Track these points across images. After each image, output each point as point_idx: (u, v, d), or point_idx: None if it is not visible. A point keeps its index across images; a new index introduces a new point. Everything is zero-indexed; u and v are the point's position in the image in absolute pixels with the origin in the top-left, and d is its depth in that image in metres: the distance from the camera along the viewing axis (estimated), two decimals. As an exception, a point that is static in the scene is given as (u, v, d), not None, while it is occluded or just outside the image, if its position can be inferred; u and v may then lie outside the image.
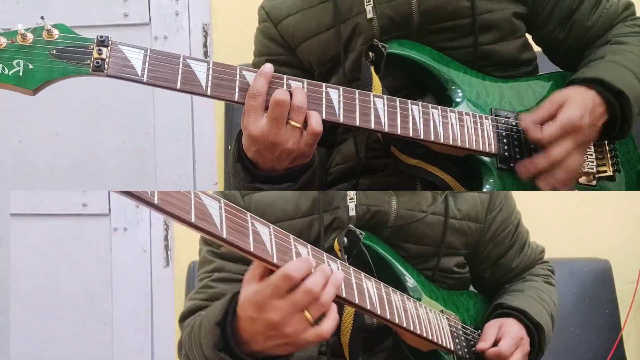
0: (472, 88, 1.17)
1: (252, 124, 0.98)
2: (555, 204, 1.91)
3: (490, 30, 1.20)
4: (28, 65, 0.92)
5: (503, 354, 1.09)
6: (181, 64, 0.97)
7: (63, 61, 0.93)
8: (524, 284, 1.28)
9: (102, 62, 0.94)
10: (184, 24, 2.10)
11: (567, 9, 1.23)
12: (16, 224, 2.11)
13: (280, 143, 0.98)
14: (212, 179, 2.09)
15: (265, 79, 0.98)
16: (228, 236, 0.75)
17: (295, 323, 0.79)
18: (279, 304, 0.79)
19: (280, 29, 1.26)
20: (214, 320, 0.87)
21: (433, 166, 1.15)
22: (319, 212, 1.09)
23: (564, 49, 1.26)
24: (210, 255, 1.15)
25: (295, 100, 0.98)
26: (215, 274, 1.13)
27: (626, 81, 1.10)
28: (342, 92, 1.04)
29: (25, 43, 0.93)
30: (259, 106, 0.97)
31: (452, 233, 1.16)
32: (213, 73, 0.98)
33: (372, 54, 1.15)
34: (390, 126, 1.05)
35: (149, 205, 0.69)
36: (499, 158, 1.12)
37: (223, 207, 0.76)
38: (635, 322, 1.92)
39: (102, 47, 0.94)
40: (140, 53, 0.96)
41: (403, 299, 1.00)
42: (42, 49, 0.93)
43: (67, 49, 0.94)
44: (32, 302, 2.12)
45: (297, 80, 1.02)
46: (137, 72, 0.95)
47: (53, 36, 0.94)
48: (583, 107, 1.07)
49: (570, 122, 1.05)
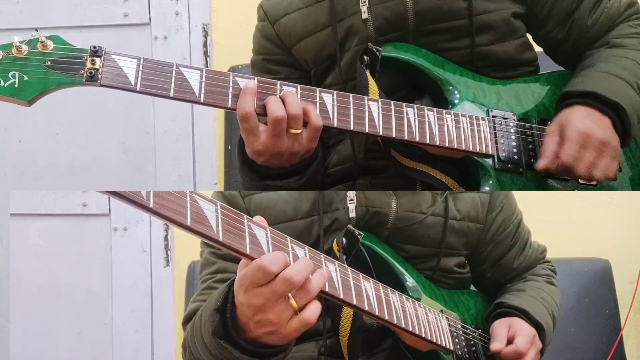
0: (469, 89, 1.17)
1: (253, 143, 1.00)
2: (555, 204, 1.91)
3: (487, 31, 1.20)
4: (23, 76, 0.94)
5: (521, 351, 1.08)
6: (174, 72, 0.97)
7: (57, 72, 0.95)
8: (525, 283, 1.27)
9: (95, 72, 0.95)
10: (184, 24, 2.10)
11: (566, 9, 1.22)
12: (16, 224, 2.11)
13: (284, 151, 1.00)
14: (212, 179, 2.09)
15: (251, 96, 0.98)
16: (224, 239, 0.75)
17: (279, 310, 0.79)
18: (259, 290, 0.78)
19: (277, 28, 1.26)
20: (213, 307, 0.87)
21: (434, 169, 1.14)
22: (319, 213, 1.09)
23: (565, 48, 1.25)
24: (212, 257, 1.15)
25: (290, 109, 0.98)
26: (218, 275, 1.13)
27: (620, 92, 1.10)
28: (336, 97, 1.04)
29: (20, 55, 0.94)
30: (252, 126, 0.99)
31: (452, 234, 1.16)
32: (206, 80, 0.99)
33: (367, 58, 1.15)
34: (384, 129, 1.05)
35: (143, 209, 0.69)
36: (496, 159, 1.12)
37: (219, 209, 0.76)
38: (635, 322, 1.92)
39: (95, 57, 0.96)
40: (134, 62, 0.97)
41: (402, 300, 1.00)
42: (37, 61, 0.94)
43: (61, 60, 0.95)
44: (32, 302, 2.12)
45: (291, 85, 1.02)
46: (131, 81, 0.96)
47: (47, 48, 0.96)
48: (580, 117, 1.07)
49: (579, 132, 1.05)
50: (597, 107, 1.08)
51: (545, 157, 1.07)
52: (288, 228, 1.07)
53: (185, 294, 1.92)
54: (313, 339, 1.11)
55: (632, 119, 1.09)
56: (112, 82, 0.96)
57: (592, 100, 1.09)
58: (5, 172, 2.18)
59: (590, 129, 1.05)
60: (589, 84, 1.12)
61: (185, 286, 1.92)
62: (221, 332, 0.86)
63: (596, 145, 1.05)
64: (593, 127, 1.06)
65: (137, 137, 2.12)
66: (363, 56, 1.15)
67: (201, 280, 1.17)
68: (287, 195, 1.11)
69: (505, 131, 1.14)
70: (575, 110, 1.09)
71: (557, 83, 1.23)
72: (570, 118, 1.08)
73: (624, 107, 1.08)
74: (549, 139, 1.08)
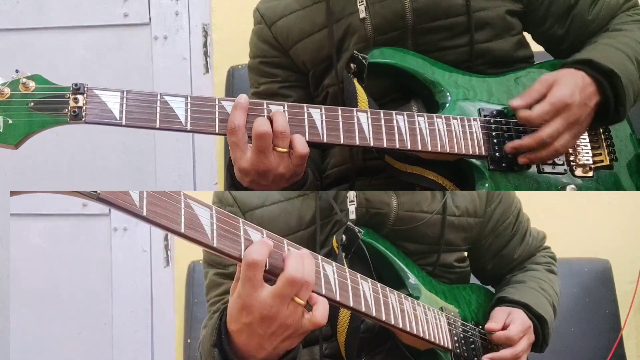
0: (459, 89, 1.17)
1: (240, 159, 0.99)
2: (555, 203, 1.91)
3: (484, 28, 1.20)
4: (8, 120, 0.93)
5: (512, 337, 1.10)
6: (159, 101, 0.97)
7: (41, 113, 0.94)
8: (526, 274, 1.27)
9: (79, 110, 0.94)
10: (184, 24, 2.10)
11: (565, 4, 1.22)
12: (16, 224, 2.11)
13: (270, 170, 0.99)
14: (212, 179, 2.09)
15: (241, 111, 0.98)
16: (218, 245, 0.75)
17: (290, 312, 0.78)
18: (262, 297, 0.77)
19: (274, 30, 1.26)
20: (209, 344, 0.86)
21: (430, 171, 1.14)
22: (317, 221, 1.09)
23: (567, 45, 1.25)
24: (219, 278, 1.14)
25: (277, 126, 0.98)
26: (226, 297, 1.11)
27: (617, 61, 1.09)
28: (324, 112, 1.03)
29: (2, 99, 0.93)
30: (240, 140, 0.98)
31: (451, 230, 1.16)
32: (191, 107, 0.98)
33: (353, 66, 1.14)
34: (375, 140, 1.05)
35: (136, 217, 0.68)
36: (489, 160, 1.11)
37: (214, 215, 0.76)
38: (635, 322, 1.91)
39: (77, 95, 0.95)
40: (117, 96, 0.96)
41: (400, 299, 1.00)
42: (20, 103, 0.94)
43: (44, 100, 0.94)
44: (32, 302, 2.12)
45: (278, 104, 1.01)
46: (115, 116, 0.95)
47: (29, 88, 0.94)
48: (572, 85, 1.06)
49: (560, 99, 1.05)
50: (591, 74, 1.08)
51: (523, 98, 1.08)
52: (294, 240, 1.07)
53: (185, 294, 1.93)
54: (313, 345, 1.11)
55: (627, 89, 1.08)
56: (97, 119, 0.95)
57: (587, 67, 1.08)
58: (5, 172, 2.18)
59: (573, 100, 1.05)
60: (586, 53, 1.12)
61: (185, 286, 1.93)
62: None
63: (570, 121, 1.06)
64: (576, 100, 1.05)
65: (137, 137, 2.12)
66: (350, 64, 1.14)
67: (210, 302, 1.16)
68: (289, 207, 1.10)
69: (498, 129, 1.13)
70: (572, 73, 1.09)
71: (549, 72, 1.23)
72: (565, 80, 1.07)
73: (619, 74, 1.07)
74: (537, 86, 1.08)
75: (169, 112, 0.97)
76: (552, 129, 1.05)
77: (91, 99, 0.95)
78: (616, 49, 1.12)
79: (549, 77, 1.09)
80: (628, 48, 1.13)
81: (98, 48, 2.14)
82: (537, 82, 1.09)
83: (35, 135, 0.96)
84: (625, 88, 1.08)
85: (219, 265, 1.14)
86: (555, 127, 1.05)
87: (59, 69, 2.11)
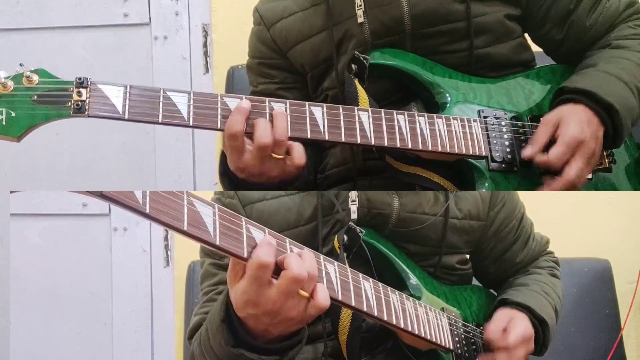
0: (459, 91, 1.17)
1: (236, 161, 0.99)
2: (555, 203, 1.91)
3: (483, 33, 1.20)
4: (11, 113, 0.93)
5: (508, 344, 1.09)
6: (162, 97, 0.97)
7: (44, 106, 0.94)
8: (529, 277, 1.27)
9: (82, 103, 0.94)
10: (184, 24, 2.11)
11: (564, 9, 1.22)
12: (16, 224, 2.11)
13: (264, 173, 1.00)
14: (212, 179, 2.09)
15: (242, 116, 0.97)
16: (221, 243, 0.75)
17: (294, 304, 0.80)
18: (269, 294, 0.78)
19: (272, 32, 1.26)
20: (219, 319, 0.87)
21: (430, 172, 1.14)
22: (318, 218, 1.09)
23: (565, 49, 1.25)
24: (213, 268, 1.15)
25: (276, 135, 0.98)
26: (220, 286, 1.12)
27: (616, 93, 1.09)
28: (325, 110, 1.03)
29: (6, 92, 0.93)
30: (239, 146, 0.98)
31: (453, 233, 1.16)
32: (194, 103, 0.98)
33: (354, 66, 1.14)
34: (376, 138, 1.05)
35: (138, 214, 0.68)
36: (489, 160, 1.11)
37: (217, 212, 0.76)
38: (635, 322, 1.92)
39: (81, 89, 0.95)
40: (120, 90, 0.96)
41: (402, 299, 1.00)
42: (23, 96, 0.94)
43: (48, 94, 0.94)
44: (32, 302, 2.12)
45: (280, 101, 1.02)
46: (118, 110, 0.95)
47: (33, 82, 0.94)
48: (578, 121, 1.07)
49: (573, 138, 1.05)
50: (591, 106, 1.08)
51: (534, 145, 1.08)
52: (293, 235, 1.07)
53: (185, 294, 1.92)
54: (315, 342, 1.11)
55: (624, 120, 1.09)
56: (100, 113, 0.95)
57: (586, 99, 1.09)
58: (5, 172, 2.18)
59: (585, 136, 1.06)
60: (587, 82, 1.11)
61: (185, 286, 1.93)
62: (233, 340, 0.86)
63: (587, 156, 1.06)
64: (587, 135, 1.06)
65: (137, 137, 2.12)
66: (351, 65, 1.14)
67: (202, 292, 1.16)
68: (289, 202, 1.10)
69: (498, 131, 1.13)
70: (573, 109, 1.09)
71: (547, 78, 1.23)
72: (570, 118, 1.07)
73: (618, 108, 1.08)
74: (543, 129, 1.08)
75: (171, 108, 0.97)
76: (576, 168, 1.05)
77: (94, 92, 0.95)
78: (616, 78, 1.11)
79: (552, 118, 1.09)
80: (628, 75, 1.12)
81: (98, 48, 2.14)
82: (541, 126, 1.09)
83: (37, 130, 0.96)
84: (624, 120, 1.09)
85: (215, 256, 1.15)
86: (577, 166, 1.05)
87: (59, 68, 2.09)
